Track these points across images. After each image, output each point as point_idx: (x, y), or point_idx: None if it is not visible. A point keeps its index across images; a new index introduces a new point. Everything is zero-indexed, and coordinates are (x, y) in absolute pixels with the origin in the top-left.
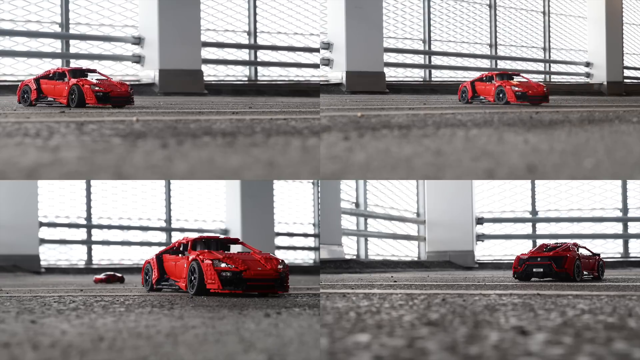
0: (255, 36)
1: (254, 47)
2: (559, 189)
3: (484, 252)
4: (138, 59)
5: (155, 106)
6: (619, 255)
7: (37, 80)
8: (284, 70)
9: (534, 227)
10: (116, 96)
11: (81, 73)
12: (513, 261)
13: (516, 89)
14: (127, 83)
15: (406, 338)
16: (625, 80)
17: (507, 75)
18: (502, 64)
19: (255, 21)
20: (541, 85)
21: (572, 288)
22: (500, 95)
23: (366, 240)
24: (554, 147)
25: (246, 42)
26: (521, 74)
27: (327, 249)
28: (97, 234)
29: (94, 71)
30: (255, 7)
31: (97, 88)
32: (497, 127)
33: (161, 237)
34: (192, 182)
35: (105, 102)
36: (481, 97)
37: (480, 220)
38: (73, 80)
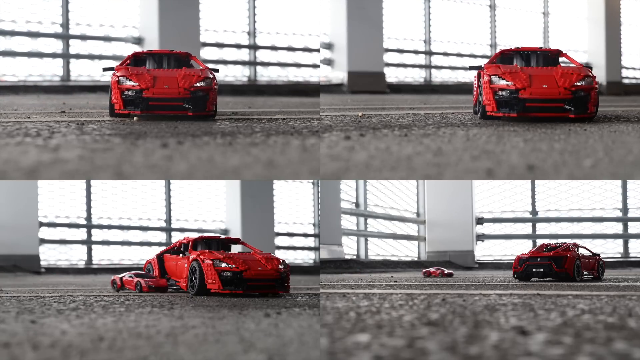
0: (255, 36)
1: (254, 47)
2: (559, 189)
3: (484, 252)
4: None
5: None
6: (619, 255)
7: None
8: (284, 71)
9: (534, 227)
10: (158, 99)
11: (180, 60)
12: (513, 261)
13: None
14: (206, 76)
15: (406, 338)
16: (624, 80)
17: None
18: None
19: (254, 21)
20: None
21: (572, 288)
22: None
23: (366, 240)
24: (553, 147)
25: (246, 42)
26: None
27: (327, 249)
28: (97, 234)
29: (191, 57)
30: (254, 7)
31: (130, 83)
32: (497, 126)
33: (161, 237)
34: (192, 182)
35: (141, 108)
36: None
37: (480, 220)
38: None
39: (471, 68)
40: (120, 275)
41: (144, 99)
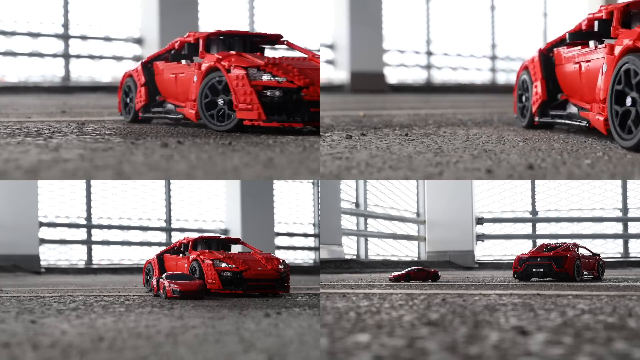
0: None
1: None
2: (559, 189)
3: (484, 252)
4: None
5: None
6: (619, 255)
7: None
8: None
9: (534, 227)
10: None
11: (248, 44)
12: (513, 261)
13: None
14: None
15: (406, 338)
16: None
17: None
18: (503, 65)
19: (254, 22)
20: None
21: (572, 288)
22: None
23: (366, 240)
24: (552, 146)
25: None
26: None
27: (327, 249)
28: (97, 234)
29: (281, 41)
30: (253, 7)
31: (269, 78)
32: (496, 126)
33: (161, 237)
34: (192, 182)
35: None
36: None
37: (480, 220)
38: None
39: (545, 50)
40: (157, 278)
41: (305, 102)
